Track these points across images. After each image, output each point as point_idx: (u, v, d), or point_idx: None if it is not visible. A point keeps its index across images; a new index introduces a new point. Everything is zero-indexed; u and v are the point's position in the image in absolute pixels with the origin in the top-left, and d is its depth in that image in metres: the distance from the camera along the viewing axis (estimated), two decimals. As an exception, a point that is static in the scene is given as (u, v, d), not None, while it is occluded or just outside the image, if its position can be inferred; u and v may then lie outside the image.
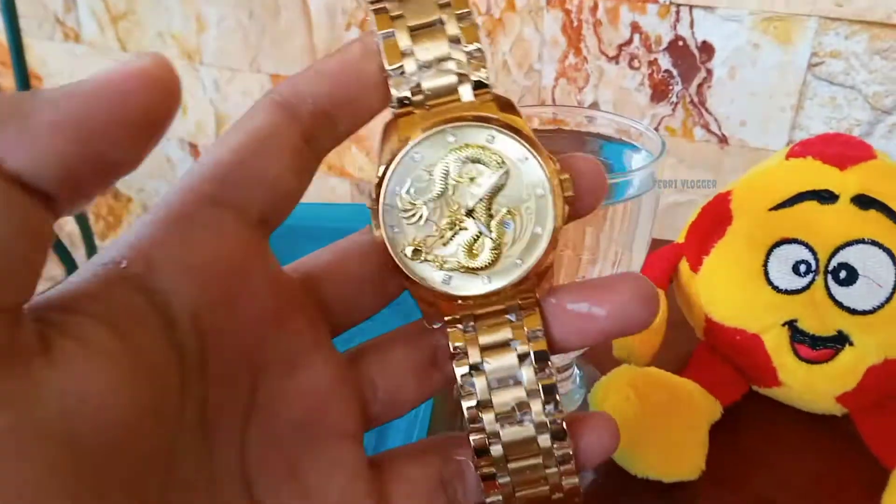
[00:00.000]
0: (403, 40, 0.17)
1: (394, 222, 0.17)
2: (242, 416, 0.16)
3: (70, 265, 1.00)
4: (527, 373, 0.17)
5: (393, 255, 0.17)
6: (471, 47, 0.17)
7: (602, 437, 0.18)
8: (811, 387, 0.32)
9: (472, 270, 0.17)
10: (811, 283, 0.32)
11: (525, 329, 0.17)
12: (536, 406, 0.17)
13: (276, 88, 0.17)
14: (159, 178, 1.07)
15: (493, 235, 0.17)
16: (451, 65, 0.17)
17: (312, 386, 0.17)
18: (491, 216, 0.17)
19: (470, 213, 0.17)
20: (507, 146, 0.17)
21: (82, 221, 1.01)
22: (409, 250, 0.17)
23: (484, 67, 0.17)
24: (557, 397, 0.17)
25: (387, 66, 0.16)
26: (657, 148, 0.31)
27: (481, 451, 0.17)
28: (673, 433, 0.31)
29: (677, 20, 0.62)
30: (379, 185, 0.17)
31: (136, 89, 0.13)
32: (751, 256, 0.33)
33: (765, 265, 0.32)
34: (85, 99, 0.13)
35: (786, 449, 0.33)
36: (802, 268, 0.32)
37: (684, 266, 0.37)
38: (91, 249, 1.04)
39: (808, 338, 0.31)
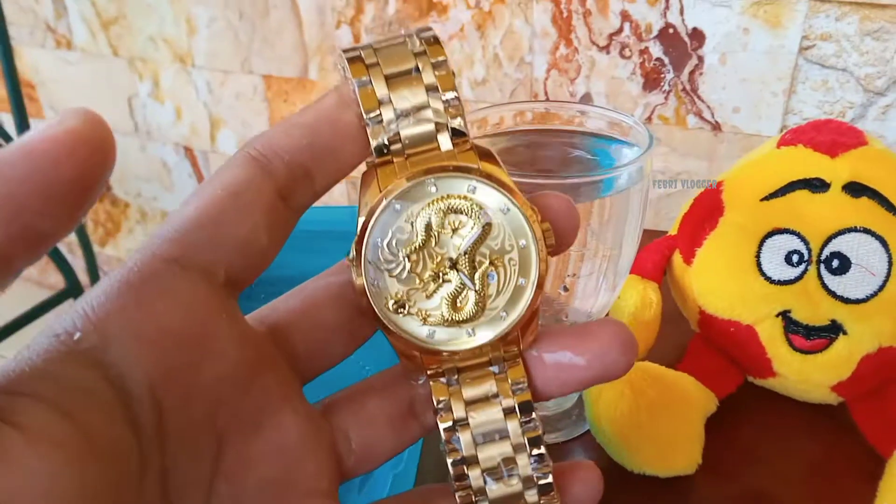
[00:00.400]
0: (380, 88, 0.16)
1: (376, 275, 0.17)
2: (207, 483, 0.16)
3: (68, 273, 1.00)
4: (512, 426, 0.17)
5: (376, 308, 0.17)
6: (448, 95, 0.16)
7: (588, 487, 0.18)
8: (806, 377, 0.32)
9: (456, 323, 0.17)
10: (804, 272, 0.31)
11: (509, 381, 0.17)
12: (523, 460, 0.17)
13: (251, 142, 0.16)
14: (156, 183, 1.07)
15: (477, 287, 0.17)
16: (428, 113, 0.16)
17: (281, 444, 0.17)
18: (474, 268, 0.17)
19: (453, 265, 0.17)
20: (489, 196, 0.17)
21: (80, 229, 1.01)
22: (391, 304, 0.17)
23: (461, 116, 0.17)
24: (543, 449, 0.17)
25: (364, 114, 0.16)
26: (646, 141, 0.30)
27: None
28: (668, 428, 0.31)
29: (667, 7, 0.62)
30: (360, 237, 0.16)
31: (65, 156, 0.12)
32: (743, 247, 0.33)
33: (757, 256, 0.32)
34: (8, 174, 0.12)
35: (782, 439, 0.33)
36: (795, 258, 0.32)
37: (677, 258, 0.36)
38: (90, 257, 1.05)
39: (801, 328, 0.31)
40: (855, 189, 0.32)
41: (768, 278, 0.32)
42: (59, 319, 0.14)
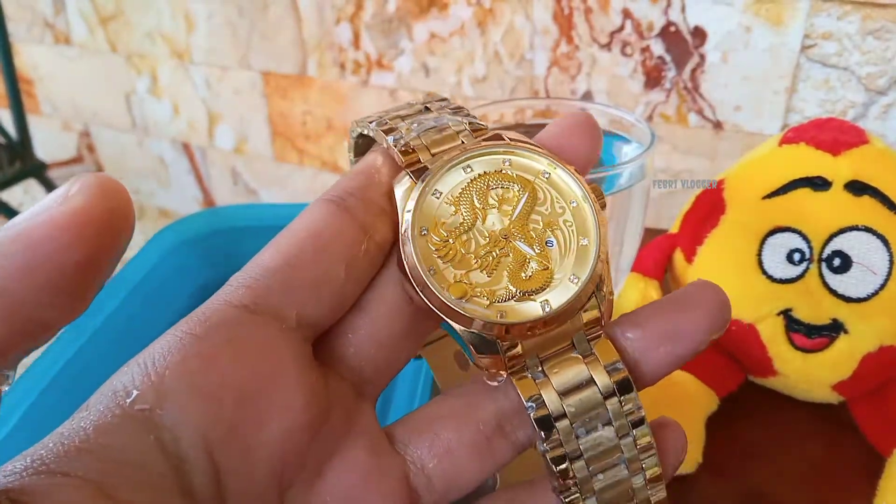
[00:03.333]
0: (398, 123, 0.17)
1: (430, 265, 0.16)
2: None
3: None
4: (613, 408, 0.16)
5: (438, 300, 0.15)
6: (462, 114, 0.17)
7: (678, 442, 0.17)
8: (807, 376, 0.32)
9: (526, 296, 0.16)
10: (805, 271, 0.31)
11: (601, 361, 0.16)
12: (627, 443, 0.16)
13: (325, 192, 0.16)
14: (153, 179, 1.07)
15: (537, 253, 0.16)
16: (447, 122, 0.16)
17: (345, 488, 0.15)
18: (531, 236, 0.16)
19: (507, 236, 0.16)
20: (526, 163, 0.16)
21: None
22: (451, 290, 0.16)
23: (481, 122, 0.17)
24: (647, 430, 0.16)
25: (387, 142, 0.16)
26: (647, 139, 0.30)
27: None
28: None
29: (668, 5, 0.62)
30: (405, 232, 0.16)
31: (71, 241, 0.11)
32: (745, 246, 0.33)
33: (759, 254, 0.32)
34: (4, 267, 0.11)
35: (783, 438, 0.33)
36: (796, 256, 0.32)
37: (679, 257, 0.36)
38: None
39: (803, 326, 0.31)
40: (856, 188, 0.32)
41: (770, 277, 0.32)
42: (122, 372, 0.14)
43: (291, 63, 0.84)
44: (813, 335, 0.31)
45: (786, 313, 0.32)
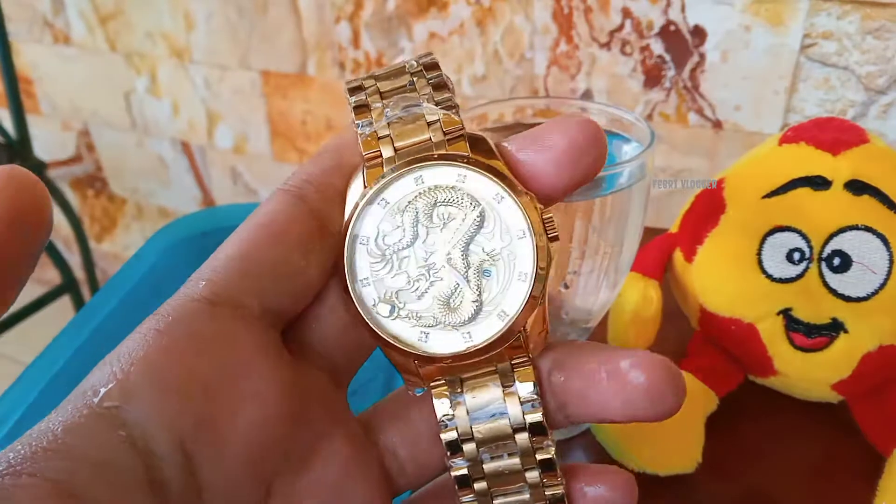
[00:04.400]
0: (374, 101, 0.16)
1: (362, 275, 0.16)
2: None
3: (64, 269, 1.00)
4: (521, 443, 0.16)
5: (362, 312, 0.16)
6: (441, 96, 0.16)
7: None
8: (807, 375, 0.32)
9: (451, 326, 0.15)
10: (805, 270, 0.31)
11: (518, 395, 0.16)
12: (532, 475, 0.16)
13: (286, 180, 0.16)
14: (153, 179, 1.07)
15: (472, 285, 0.16)
16: (418, 111, 0.16)
17: (330, 476, 0.16)
18: (468, 264, 0.16)
19: (445, 261, 0.16)
20: (480, 185, 0.15)
21: (76, 224, 1.01)
22: (382, 307, 0.16)
23: (454, 109, 0.16)
24: (556, 465, 0.16)
25: (355, 124, 0.16)
26: (647, 138, 0.30)
27: None
28: (669, 426, 0.31)
29: (668, 4, 0.62)
30: (344, 235, 0.16)
31: None
32: (744, 245, 0.33)
33: (759, 253, 0.32)
34: None
35: (782, 438, 0.33)
36: (796, 255, 0.32)
37: (678, 256, 0.36)
38: (86, 252, 1.04)
39: (802, 326, 0.31)
40: (856, 187, 0.32)
41: (769, 276, 0.32)
42: (92, 373, 0.14)
43: (291, 62, 0.84)
44: (813, 334, 0.31)
45: (785, 313, 0.32)
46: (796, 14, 0.57)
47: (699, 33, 0.61)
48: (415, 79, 0.16)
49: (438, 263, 0.16)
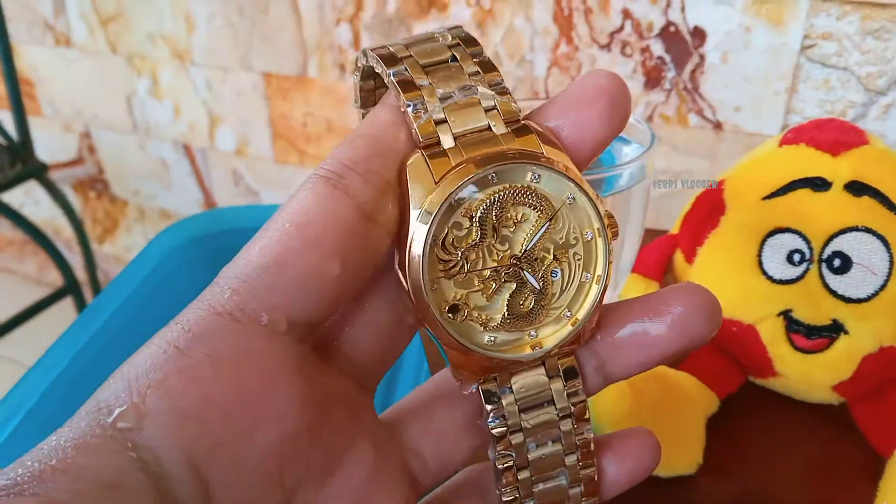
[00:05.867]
0: (419, 77, 0.15)
1: (431, 276, 0.15)
2: None
3: (66, 271, 1.00)
4: (565, 430, 0.16)
5: (436, 316, 0.15)
6: (493, 79, 0.15)
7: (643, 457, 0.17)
8: (807, 376, 0.32)
9: (517, 326, 0.15)
10: (805, 272, 0.31)
11: (564, 384, 0.16)
12: (571, 460, 0.16)
13: (320, 166, 0.15)
14: (154, 181, 1.07)
15: (540, 286, 0.15)
16: (474, 94, 0.15)
17: (353, 485, 0.15)
18: (537, 265, 0.15)
19: (517, 262, 0.15)
20: (554, 185, 0.15)
21: (78, 226, 1.01)
22: (446, 308, 0.15)
23: (510, 95, 0.15)
24: (591, 451, 0.16)
25: (405, 102, 0.14)
26: (648, 139, 0.30)
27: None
28: (669, 428, 0.31)
29: (668, 5, 0.62)
30: (415, 237, 0.14)
31: None
32: (745, 246, 0.33)
33: (759, 255, 0.32)
34: None
35: (783, 439, 0.33)
36: (797, 257, 0.32)
37: (679, 257, 0.36)
38: (88, 255, 1.04)
39: (803, 327, 0.31)
40: (856, 188, 0.32)
41: (770, 277, 0.32)
42: (107, 385, 0.14)
43: (292, 64, 0.84)
44: (813, 336, 0.31)
45: (786, 314, 0.32)
46: (796, 15, 0.57)
47: (699, 34, 0.62)
48: (456, 53, 0.15)
49: (508, 265, 0.15)
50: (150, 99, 0.98)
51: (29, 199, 1.21)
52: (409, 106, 0.15)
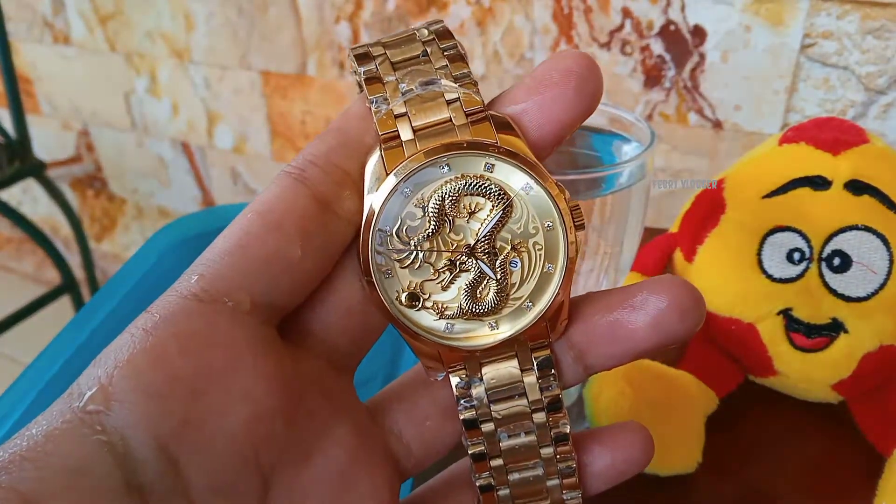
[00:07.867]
0: (387, 74, 0.15)
1: (386, 267, 0.15)
2: None
3: (64, 269, 1.00)
4: (538, 421, 0.16)
5: (386, 303, 0.15)
6: (459, 72, 0.15)
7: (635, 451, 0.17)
8: (807, 375, 0.32)
9: (476, 316, 0.15)
10: (805, 270, 0.31)
11: (536, 376, 0.16)
12: (546, 451, 0.16)
13: (294, 158, 0.15)
14: (153, 179, 1.07)
15: (498, 276, 0.15)
16: (437, 88, 0.15)
17: (333, 467, 0.15)
18: (495, 255, 0.15)
19: (471, 252, 0.15)
20: (509, 174, 0.15)
21: (76, 224, 1.01)
22: (403, 297, 0.15)
23: (474, 88, 0.15)
24: (570, 443, 0.16)
25: (368, 100, 0.15)
26: (647, 138, 0.30)
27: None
28: (669, 427, 0.31)
29: (668, 4, 0.62)
30: (366, 225, 0.15)
31: None
32: (744, 245, 0.33)
33: (759, 253, 0.32)
34: None
35: (782, 438, 0.33)
36: (796, 255, 0.31)
37: (678, 256, 0.36)
38: (86, 253, 1.04)
39: (802, 326, 0.31)
40: (856, 187, 0.32)
41: (769, 276, 0.32)
42: (82, 376, 0.14)
43: (291, 63, 0.84)
44: (813, 335, 0.31)
45: (785, 313, 0.32)
46: (796, 14, 0.57)
47: (699, 33, 0.61)
48: (428, 49, 0.15)
49: (464, 254, 0.15)
50: (148, 97, 0.98)
51: (27, 196, 1.21)
52: (372, 102, 0.15)
